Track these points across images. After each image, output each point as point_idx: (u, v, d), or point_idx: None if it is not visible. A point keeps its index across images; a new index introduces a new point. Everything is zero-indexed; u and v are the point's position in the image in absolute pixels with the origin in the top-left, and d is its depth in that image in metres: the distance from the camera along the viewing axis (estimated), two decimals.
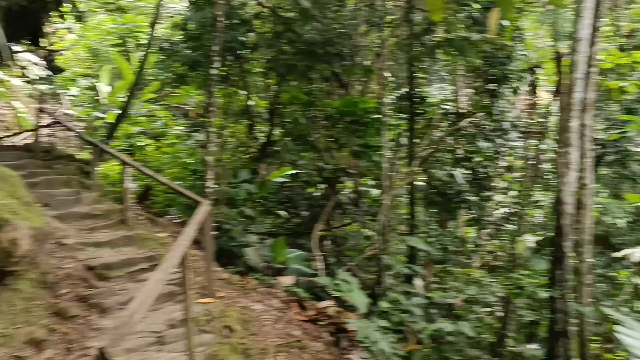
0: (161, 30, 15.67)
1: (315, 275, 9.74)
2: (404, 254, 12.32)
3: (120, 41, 22.92)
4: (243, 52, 12.91)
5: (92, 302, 6.56)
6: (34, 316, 5.94)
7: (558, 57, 12.05)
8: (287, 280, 9.09)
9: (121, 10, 17.46)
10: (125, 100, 14.84)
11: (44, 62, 23.73)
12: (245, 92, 14.32)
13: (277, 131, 14.11)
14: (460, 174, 12.80)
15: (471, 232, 15.95)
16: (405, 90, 13.34)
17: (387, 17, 12.48)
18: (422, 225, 13.17)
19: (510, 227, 14.33)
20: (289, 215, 13.62)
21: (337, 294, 8.46)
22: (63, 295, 6.58)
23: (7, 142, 14.06)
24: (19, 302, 5.90)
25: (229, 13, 11.76)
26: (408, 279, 11.41)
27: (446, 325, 8.11)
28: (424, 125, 13.35)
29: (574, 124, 8.89)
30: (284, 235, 11.55)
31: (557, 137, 10.63)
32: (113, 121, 15.30)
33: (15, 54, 16.11)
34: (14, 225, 5.42)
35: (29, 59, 21.62)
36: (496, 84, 12.76)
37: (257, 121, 15.02)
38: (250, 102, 14.46)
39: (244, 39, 12.66)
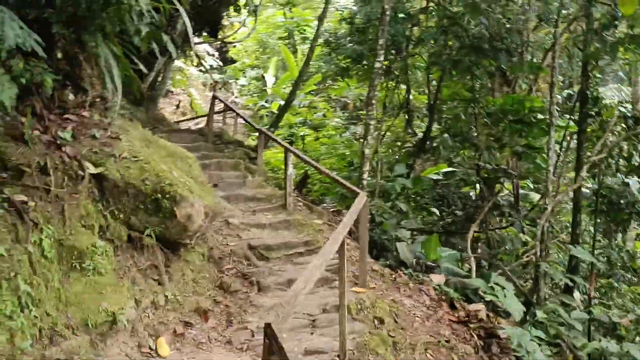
0: (327, 24, 16.10)
1: (468, 276, 9.48)
2: (564, 264, 11.58)
3: (288, 34, 23.98)
4: (407, 46, 12.87)
5: (252, 280, 6.95)
6: (201, 287, 6.44)
7: None
8: (438, 278, 8.93)
9: (291, 4, 18.24)
10: (289, 91, 15.50)
11: (218, 53, 25.54)
12: (406, 87, 14.27)
13: (436, 127, 13.90)
14: (636, 182, 11.72)
15: None
16: (576, 89, 12.48)
17: (561, 11, 11.72)
18: (586, 235, 12.27)
19: None
20: (442, 213, 13.40)
21: (489, 297, 8.15)
22: (227, 270, 7.06)
23: (183, 125, 15.32)
24: (189, 273, 6.43)
25: (396, 7, 11.77)
26: (567, 290, 10.71)
27: (611, 345, 7.47)
28: (596, 128, 12.39)
29: None
30: (437, 233, 11.37)
31: None
32: (277, 111, 16.07)
33: (195, 45, 17.44)
34: (190, 202, 5.89)
35: (205, 50, 23.35)
36: None
37: (416, 116, 14.92)
38: (410, 97, 14.39)
39: (409, 33, 12.61)
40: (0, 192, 4.40)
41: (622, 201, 11.49)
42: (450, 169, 13.44)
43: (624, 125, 12.42)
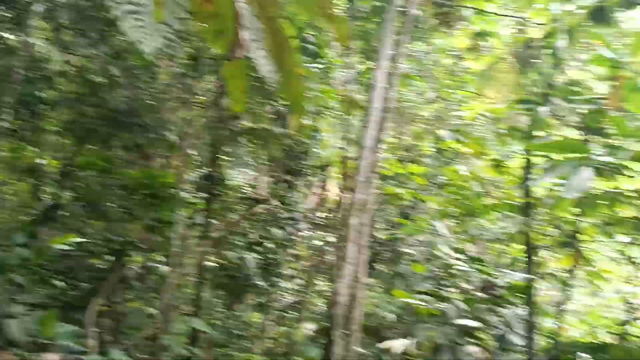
0: None
1: (85, 353, 9.10)
2: (186, 335, 12.03)
3: None
4: (40, 108, 12.20)
5: None
6: None
7: (344, 160, 13.29)
8: (51, 357, 8.39)
9: None
10: None
11: None
12: (37, 150, 13.41)
13: (67, 195, 13.30)
14: (252, 258, 13.08)
15: (258, 318, 16.15)
16: (206, 170, 13.53)
17: (197, 97, 12.74)
18: (208, 306, 13.06)
19: (294, 314, 14.81)
20: (67, 286, 12.66)
21: None
22: None
23: None
24: None
25: (29, 66, 11.13)
26: None
27: None
28: (221, 206, 13.55)
29: (354, 221, 9.68)
30: (57, 308, 10.68)
31: (340, 232, 11.48)
32: None
33: None
34: None
35: None
36: (293, 176, 13.55)
37: (45, 182, 14.03)
38: (40, 161, 13.53)
39: (43, 94, 12.00)
40: None
41: (239, 275, 12.70)
42: (80, 239, 12.91)
43: (245, 205, 13.95)
